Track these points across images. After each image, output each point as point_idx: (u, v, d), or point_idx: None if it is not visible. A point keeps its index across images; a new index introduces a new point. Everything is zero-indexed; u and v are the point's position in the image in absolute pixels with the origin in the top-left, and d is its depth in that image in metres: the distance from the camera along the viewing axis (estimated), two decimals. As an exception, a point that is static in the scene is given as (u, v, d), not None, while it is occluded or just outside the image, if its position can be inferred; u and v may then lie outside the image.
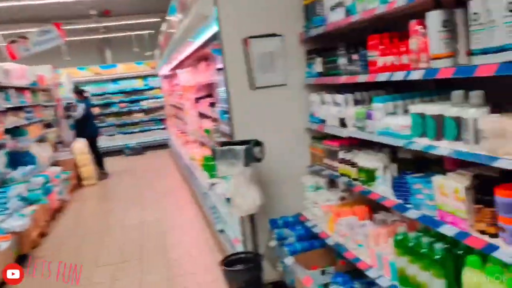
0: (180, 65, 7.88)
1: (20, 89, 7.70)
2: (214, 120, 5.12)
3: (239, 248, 3.76)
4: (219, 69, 3.99)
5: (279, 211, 3.64)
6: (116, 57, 14.82)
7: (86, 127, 9.60)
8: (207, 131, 5.63)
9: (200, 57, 6.04)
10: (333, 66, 3.10)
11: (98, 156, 9.94)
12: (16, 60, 8.13)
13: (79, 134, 9.60)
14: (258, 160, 3.26)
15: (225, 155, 3.23)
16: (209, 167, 5.04)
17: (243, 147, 3.16)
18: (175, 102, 11.71)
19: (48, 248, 5.56)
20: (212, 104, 5.24)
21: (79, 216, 7.02)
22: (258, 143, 3.26)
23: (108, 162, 10.12)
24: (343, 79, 2.94)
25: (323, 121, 3.29)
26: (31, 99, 8.04)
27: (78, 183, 9.22)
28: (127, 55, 14.50)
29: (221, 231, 4.66)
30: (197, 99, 6.49)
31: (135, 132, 13.85)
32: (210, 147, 4.71)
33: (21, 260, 4.98)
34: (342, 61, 2.96)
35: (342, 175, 3.01)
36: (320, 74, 3.32)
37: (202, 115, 6.25)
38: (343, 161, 2.98)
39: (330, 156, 3.22)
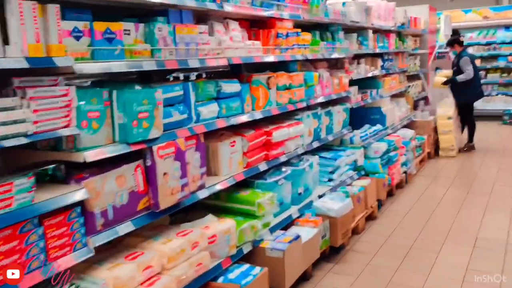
0: None
1: (383, 32, 6.44)
2: None
3: None
4: None
5: None
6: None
7: (464, 88, 7.56)
8: None
9: None
10: None
11: (470, 124, 7.82)
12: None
13: (452, 94, 7.73)
14: None
15: None
16: None
17: None
18: None
19: (371, 240, 4.27)
20: None
21: (422, 200, 5.41)
22: None
23: (478, 129, 7.87)
24: None
25: None
26: (394, 44, 6.69)
27: (432, 152, 7.53)
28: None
29: None
30: None
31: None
32: None
33: (333, 251, 3.91)
34: None
35: None
36: None
37: None
38: None
39: None
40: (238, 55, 3.22)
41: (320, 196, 4.18)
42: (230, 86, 3.21)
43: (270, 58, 3.63)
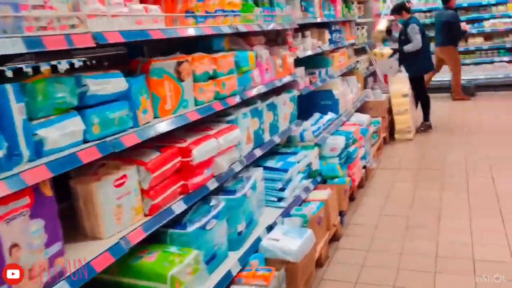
0: None
1: (328, -3, 5.25)
2: None
3: None
4: None
5: None
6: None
7: (413, 59, 6.62)
8: None
9: None
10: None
11: (424, 100, 6.91)
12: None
13: (403, 66, 6.76)
14: None
15: None
16: None
17: None
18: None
19: (339, 275, 3.13)
20: None
21: (390, 205, 4.35)
22: None
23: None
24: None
25: None
26: (341, 12, 5.53)
27: (387, 136, 6.55)
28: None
29: None
30: None
31: (467, 64, 10.04)
32: None
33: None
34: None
35: None
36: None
37: None
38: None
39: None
40: (116, 28, 1.84)
41: (269, 228, 2.94)
42: (107, 83, 1.83)
43: (178, 33, 2.27)
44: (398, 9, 6.84)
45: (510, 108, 8.07)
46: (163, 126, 2.12)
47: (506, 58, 9.95)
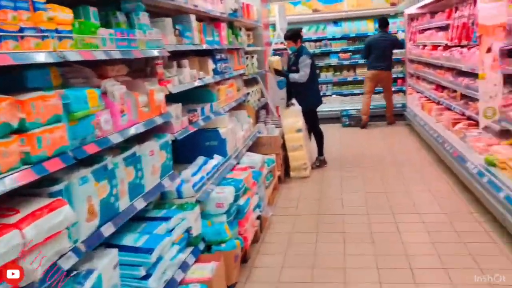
0: None
1: (210, 21, 4.56)
2: None
3: None
4: None
5: None
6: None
7: (306, 91, 6.20)
8: None
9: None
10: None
11: (317, 133, 6.49)
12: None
13: (296, 100, 6.29)
14: None
15: None
16: None
17: None
18: (426, 56, 7.51)
19: None
20: None
21: (290, 271, 3.65)
22: None
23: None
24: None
25: None
26: (227, 38, 4.86)
27: (282, 175, 5.97)
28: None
29: None
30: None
31: (357, 94, 10.07)
32: None
33: None
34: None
35: None
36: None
37: None
38: None
39: None
40: None
41: None
42: None
43: None
44: (293, 36, 6.40)
45: (398, 134, 8.05)
46: None
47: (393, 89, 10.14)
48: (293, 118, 6.10)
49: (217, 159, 3.94)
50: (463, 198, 4.77)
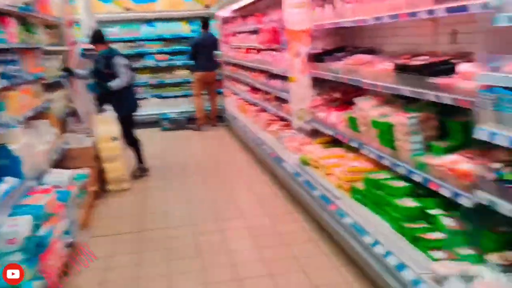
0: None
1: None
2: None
3: None
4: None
5: None
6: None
7: (121, 96, 5.69)
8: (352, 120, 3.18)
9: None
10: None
11: (135, 142, 6.04)
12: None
13: (108, 105, 5.70)
14: None
15: None
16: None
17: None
18: (241, 59, 7.71)
19: None
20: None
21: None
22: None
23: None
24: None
25: None
26: (17, 36, 4.07)
27: (99, 189, 5.37)
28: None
29: None
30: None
31: (176, 97, 9.85)
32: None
33: None
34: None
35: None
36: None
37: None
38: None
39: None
40: None
41: None
42: None
43: None
44: (100, 38, 5.79)
45: (219, 136, 8.10)
46: None
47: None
48: (107, 125, 5.52)
49: (8, 183, 3.21)
50: (283, 199, 4.92)
